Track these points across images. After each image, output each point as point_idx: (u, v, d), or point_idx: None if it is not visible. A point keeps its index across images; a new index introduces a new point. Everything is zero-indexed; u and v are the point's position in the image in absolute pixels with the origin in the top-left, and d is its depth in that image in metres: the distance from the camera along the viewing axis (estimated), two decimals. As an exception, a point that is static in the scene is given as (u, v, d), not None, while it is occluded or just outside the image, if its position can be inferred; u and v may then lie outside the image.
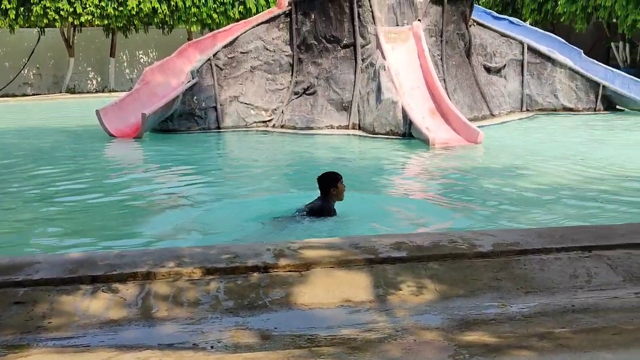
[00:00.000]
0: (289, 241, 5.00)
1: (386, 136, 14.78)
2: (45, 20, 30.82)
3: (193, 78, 16.14)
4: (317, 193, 7.19)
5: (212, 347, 3.42)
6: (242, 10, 32.94)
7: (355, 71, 16.31)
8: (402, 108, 14.62)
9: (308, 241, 5.01)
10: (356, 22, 16.30)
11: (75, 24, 31.89)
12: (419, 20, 16.82)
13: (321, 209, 7.02)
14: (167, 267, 4.32)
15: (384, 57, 15.80)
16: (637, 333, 3.38)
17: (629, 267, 4.47)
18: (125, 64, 38.62)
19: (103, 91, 35.16)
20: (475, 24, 19.11)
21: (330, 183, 7.08)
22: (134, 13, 31.79)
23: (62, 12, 30.53)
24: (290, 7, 17.31)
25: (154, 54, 38.41)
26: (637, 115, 18.41)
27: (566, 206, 8.12)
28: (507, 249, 4.61)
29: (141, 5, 31.54)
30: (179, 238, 6.83)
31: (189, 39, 32.99)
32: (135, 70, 38.50)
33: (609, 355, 3.11)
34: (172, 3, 31.94)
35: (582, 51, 20.99)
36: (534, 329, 3.51)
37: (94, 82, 37.22)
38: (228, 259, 4.51)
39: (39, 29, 33.08)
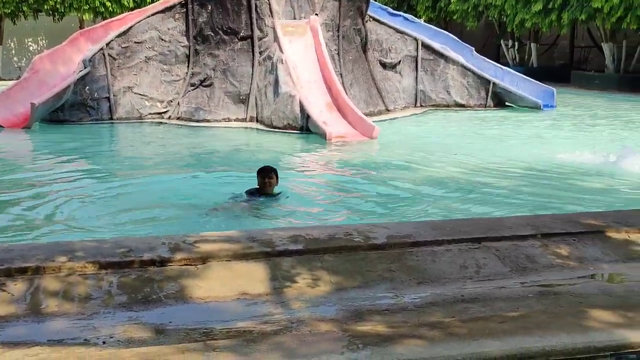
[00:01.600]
0: (184, 235, 4.95)
1: (284, 130, 14.82)
2: None
3: (85, 67, 15.70)
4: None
5: (104, 342, 3.36)
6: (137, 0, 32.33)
7: (253, 64, 16.28)
8: (300, 102, 14.70)
9: (204, 234, 4.98)
10: (253, 15, 16.26)
11: (-41, 9, 30.52)
12: (316, 14, 16.95)
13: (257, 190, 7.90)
14: (57, 261, 4.20)
15: (281, 50, 15.84)
16: (522, 321, 3.54)
17: (516, 258, 4.67)
18: (13, 52, 37.22)
19: (-11, 80, 33.71)
20: (371, 19, 19.41)
21: (264, 174, 7.92)
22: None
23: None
24: (186, -2, 17.09)
25: (43, 42, 37.15)
26: (525, 112, 19.18)
27: (457, 199, 8.38)
28: (401, 241, 4.73)
29: (31, -9, 30.47)
30: (70, 231, 6.65)
31: (80, 28, 32.11)
32: (24, 59, 37.14)
33: (496, 342, 3.25)
34: (64, -10, 31.00)
35: (473, 49, 21.69)
36: (425, 318, 3.61)
37: (-21, 70, 35.64)
38: (122, 253, 4.43)
39: None
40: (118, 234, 6.40)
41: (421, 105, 19.75)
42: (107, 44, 16.18)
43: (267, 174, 7.92)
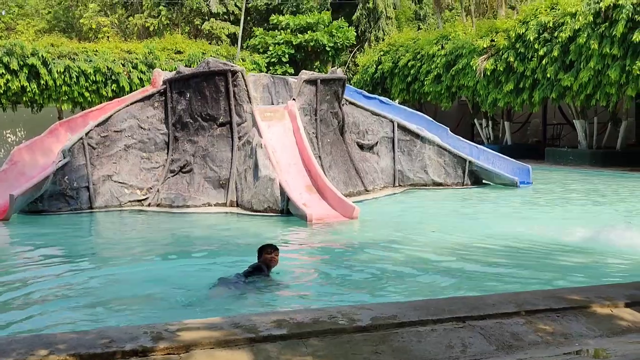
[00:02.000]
0: (166, 323, 4.90)
1: (264, 213, 14.86)
2: None
3: (64, 157, 15.72)
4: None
5: None
6: (115, 89, 32.69)
7: (232, 149, 16.42)
8: (280, 185, 14.79)
9: (186, 322, 4.92)
10: (232, 101, 16.49)
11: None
12: (294, 99, 17.23)
13: (257, 268, 8.23)
14: (38, 354, 4.13)
15: (260, 135, 16.01)
16: (510, 399, 3.51)
17: (501, 335, 4.66)
18: (-9, 144, 37.25)
19: (-33, 171, 33.57)
20: (347, 103, 19.77)
21: (262, 250, 8.41)
22: (2, 91, 30.91)
23: None
24: (164, 86, 17.31)
25: (22, 132, 37.25)
26: (502, 189, 19.39)
27: (438, 278, 8.38)
28: (385, 322, 4.71)
29: (9, 84, 30.69)
30: (50, 324, 6.54)
31: (59, 118, 32.35)
32: (2, 150, 37.16)
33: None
34: (42, 82, 31.27)
35: (448, 128, 22.06)
36: (413, 400, 3.57)
37: (-43, 162, 35.57)
38: (104, 344, 4.36)
39: None
40: (99, 325, 6.30)
41: (400, 185, 19.93)
42: (87, 134, 16.26)
43: (274, 249, 8.42)
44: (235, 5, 44.81)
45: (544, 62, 26.81)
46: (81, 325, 6.27)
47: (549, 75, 26.73)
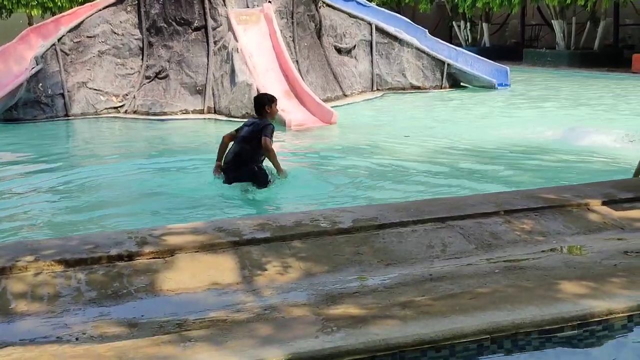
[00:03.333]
0: (150, 228, 4.94)
1: (242, 119, 14.64)
2: None
3: (37, 64, 15.42)
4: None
5: (77, 339, 3.35)
6: (86, -7, 31.88)
7: (208, 54, 16.17)
8: (257, 90, 14.63)
9: (170, 227, 4.97)
10: (206, 4, 16.14)
11: None
12: (270, 1, 16.89)
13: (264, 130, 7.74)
14: (23, 261, 4.16)
15: (236, 39, 15.76)
16: (491, 296, 3.61)
17: (480, 235, 4.75)
18: (-42, 51, 36.38)
19: None
20: (324, 5, 19.40)
21: (265, 103, 7.93)
22: (-33, -3, 29.99)
23: None
24: (137, -11, 16.88)
25: (-9, 39, 36.41)
26: (480, 91, 19.39)
27: (418, 181, 8.46)
28: (367, 224, 4.78)
29: (-26, -11, 29.81)
30: (33, 230, 6.56)
31: (29, 24, 31.49)
32: (-29, 58, 36.35)
33: (468, 319, 3.31)
34: (10, -14, 30.37)
35: (427, 31, 21.80)
36: (395, 298, 3.66)
37: None
38: (89, 250, 4.41)
39: None
40: (83, 231, 6.34)
41: (378, 89, 19.84)
42: (59, 40, 15.91)
43: (274, 99, 8.04)
44: None
45: (523, -39, 26.38)
46: (64, 232, 6.30)
47: (528, -25, 26.37)
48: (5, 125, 15.06)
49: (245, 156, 7.78)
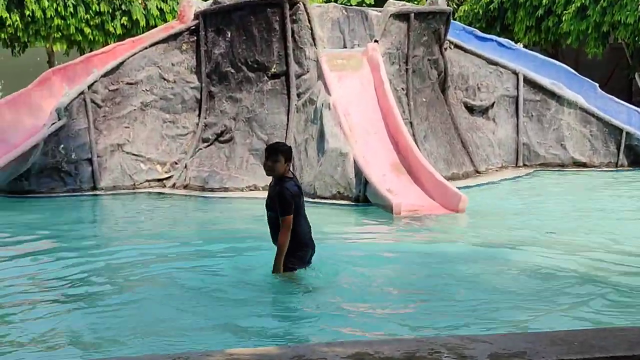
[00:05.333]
0: (206, 353, 5.00)
1: (332, 201, 14.90)
2: None
3: (59, 118, 16.03)
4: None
5: None
6: (125, 24, 32.88)
7: (289, 110, 16.52)
8: (355, 162, 14.79)
9: (232, 352, 5.01)
10: (289, 43, 16.57)
11: None
12: (376, 40, 17.18)
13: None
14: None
15: (328, 92, 16.04)
16: None
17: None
18: (-45, 96, 38.05)
19: None
20: (452, 46, 19.63)
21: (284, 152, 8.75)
22: (-29, 24, 31.46)
23: None
24: (197, 21, 17.50)
25: (-2, 82, 37.96)
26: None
27: (584, 301, 8.30)
28: (509, 362, 4.71)
29: (-18, 14, 31.25)
30: (49, 350, 6.75)
31: (49, 63, 32.88)
32: (-28, 106, 38.01)
33: None
34: (27, 12, 31.77)
35: (597, 85, 21.69)
36: None
37: None
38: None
39: None
40: (112, 351, 6.47)
41: (525, 165, 19.78)
42: (90, 86, 16.54)
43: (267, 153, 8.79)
44: None
45: None
46: (85, 351, 6.44)
47: None
48: (11, 200, 15.59)
49: None
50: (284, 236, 8.53)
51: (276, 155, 8.60)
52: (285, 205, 8.50)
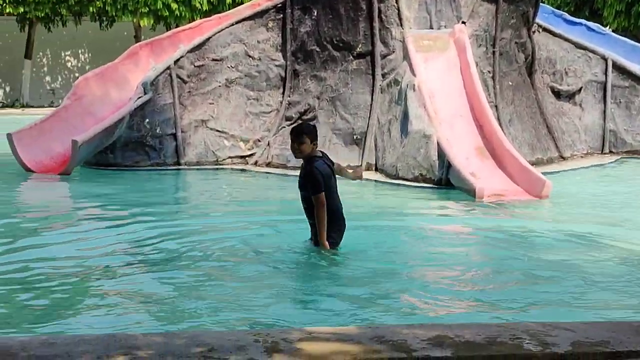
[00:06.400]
0: (284, 330, 5.04)
1: (414, 183, 14.86)
2: None
3: (145, 93, 16.23)
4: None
5: None
6: (212, 0, 33.13)
7: (373, 91, 16.50)
8: (438, 144, 14.73)
9: (311, 330, 5.03)
10: (375, 23, 16.54)
11: (-22, 11, 31.89)
12: (464, 22, 17.05)
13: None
14: (114, 361, 4.34)
15: (413, 73, 15.99)
16: None
17: None
18: (45, 69, 38.60)
19: (13, 106, 35.14)
20: (540, 30, 19.38)
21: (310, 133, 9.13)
22: (62, -1, 31.86)
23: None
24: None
25: (86, 56, 38.54)
26: None
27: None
28: (592, 350, 4.65)
29: (72, -11, 31.65)
30: (125, 317, 6.83)
31: (136, 37, 33.28)
32: (60, 78, 38.55)
33: None
34: (115, -14, 32.12)
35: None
36: None
37: (1, 92, 37.29)
38: (199, 354, 4.52)
39: None
40: (192, 323, 6.54)
41: (611, 152, 19.50)
42: (176, 62, 16.73)
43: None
44: None
45: None
46: (168, 324, 6.52)
47: None
48: (96, 172, 15.84)
49: None
50: (321, 213, 8.88)
51: (301, 137, 8.94)
52: (316, 183, 8.87)
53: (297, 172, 15.52)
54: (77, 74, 35.39)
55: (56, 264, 8.77)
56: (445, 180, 14.65)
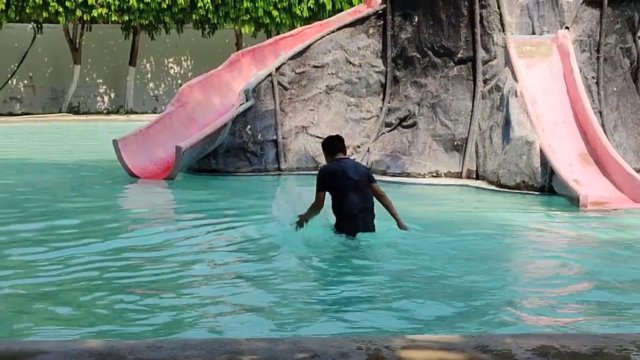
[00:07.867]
0: (387, 337, 5.05)
1: (516, 190, 14.75)
2: (44, 14, 31.31)
3: (247, 100, 16.41)
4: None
5: None
6: (312, 7, 33.23)
7: (474, 97, 16.41)
8: (541, 151, 14.59)
9: (415, 338, 5.05)
10: (477, 29, 16.43)
11: (85, 19, 32.41)
12: (567, 27, 16.85)
13: None
14: (218, 366, 4.41)
15: (515, 79, 15.86)
16: None
17: None
18: (149, 76, 39.17)
19: (118, 112, 35.76)
20: (648, 34, 19.04)
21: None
22: (165, 7, 32.21)
23: (67, 3, 30.96)
24: (384, 6, 17.59)
25: (188, 63, 39.02)
26: None
27: None
28: (702, 363, 4.58)
29: (175, -3, 32.00)
30: (228, 324, 6.92)
31: (237, 45, 33.56)
32: (163, 85, 39.09)
33: None
34: (218, -5, 32.40)
35: None
36: None
37: (106, 99, 38.00)
38: None
39: (34, 25, 33.78)
40: (295, 329, 6.60)
41: None
42: (277, 69, 16.88)
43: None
44: None
45: None
46: (271, 331, 6.59)
47: None
48: (199, 178, 16.07)
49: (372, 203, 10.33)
50: (312, 208, 9.99)
51: (324, 150, 10.52)
52: (316, 182, 10.01)
53: (397, 179, 15.76)
54: (179, 81, 35.95)
55: (158, 268, 8.96)
56: (549, 187, 14.50)
